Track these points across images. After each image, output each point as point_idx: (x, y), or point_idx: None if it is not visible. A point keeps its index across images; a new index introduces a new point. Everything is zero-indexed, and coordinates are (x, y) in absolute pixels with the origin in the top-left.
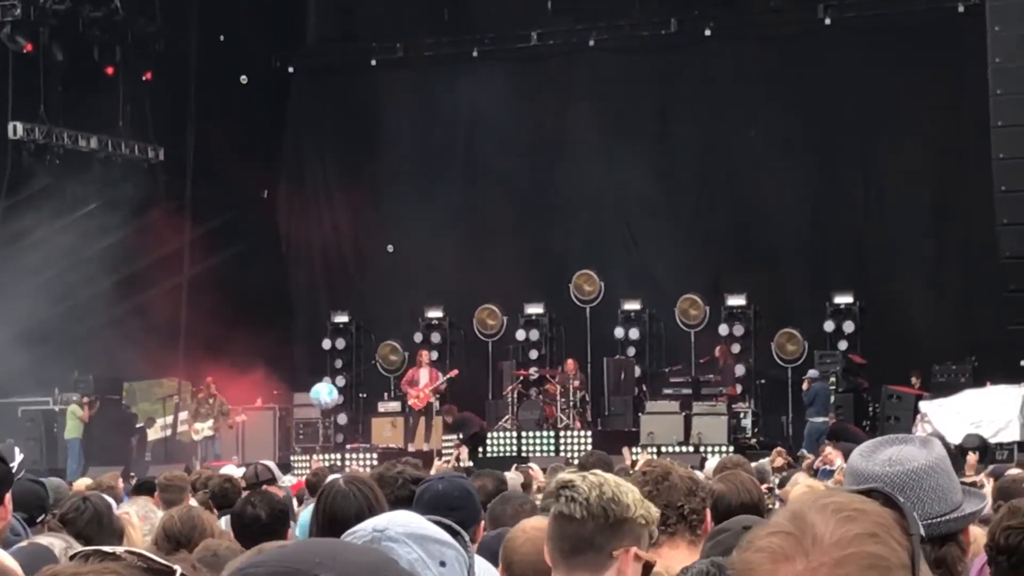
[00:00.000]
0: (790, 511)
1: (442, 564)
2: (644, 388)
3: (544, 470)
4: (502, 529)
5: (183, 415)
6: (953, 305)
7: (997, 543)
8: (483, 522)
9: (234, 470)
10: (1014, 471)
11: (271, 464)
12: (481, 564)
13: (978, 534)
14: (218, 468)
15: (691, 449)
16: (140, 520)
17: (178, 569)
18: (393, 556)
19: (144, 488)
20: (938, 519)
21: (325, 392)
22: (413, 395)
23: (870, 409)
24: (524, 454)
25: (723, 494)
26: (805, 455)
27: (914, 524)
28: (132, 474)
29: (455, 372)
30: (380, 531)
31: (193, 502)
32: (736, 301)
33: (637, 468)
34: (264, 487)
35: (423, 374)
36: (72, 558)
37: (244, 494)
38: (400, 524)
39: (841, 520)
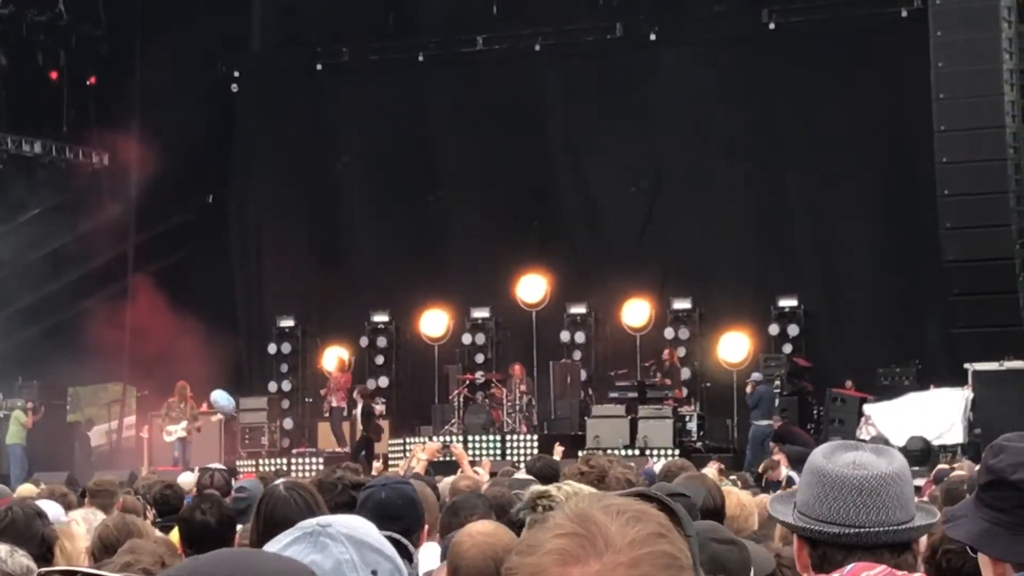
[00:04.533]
0: (571, 512)
1: (373, 573)
2: (590, 391)
3: (494, 474)
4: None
5: (129, 420)
6: (897, 308)
7: (939, 564)
8: (427, 528)
9: (191, 476)
10: (958, 473)
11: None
12: None
13: None
14: (177, 473)
15: (637, 452)
16: (87, 525)
17: None
18: (327, 552)
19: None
20: (899, 527)
21: (224, 397)
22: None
23: (815, 412)
24: (471, 458)
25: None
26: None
27: (689, 527)
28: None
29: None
30: (322, 527)
31: (98, 513)
32: (681, 304)
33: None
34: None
35: (333, 379)
36: None
37: (193, 499)
38: (344, 525)
39: (628, 520)
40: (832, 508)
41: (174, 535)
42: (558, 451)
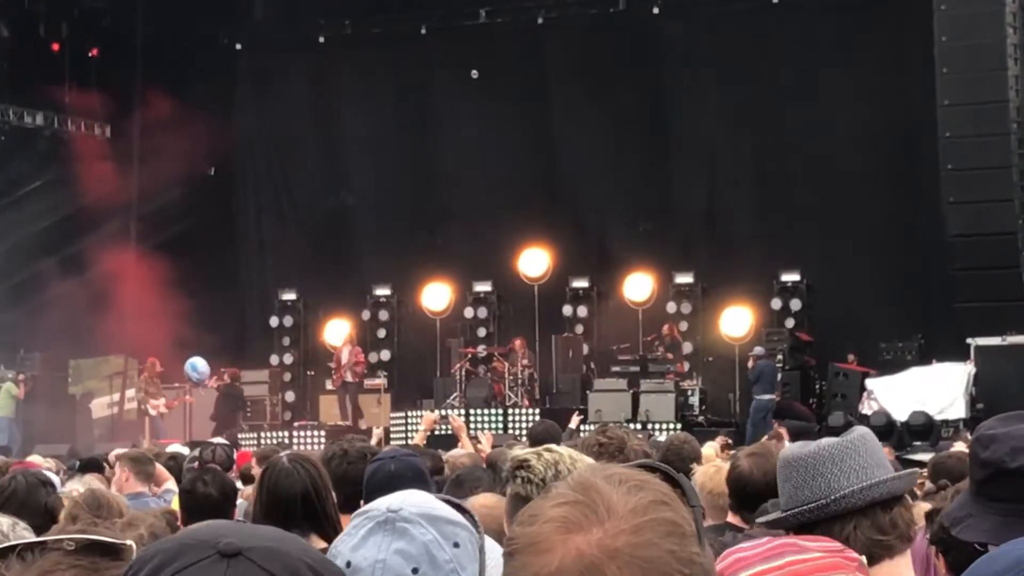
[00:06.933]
0: (573, 481)
1: (455, 545)
2: (592, 366)
3: (496, 447)
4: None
5: (131, 392)
6: (900, 283)
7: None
8: None
9: (180, 448)
10: (957, 447)
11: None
12: (492, 544)
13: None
14: (164, 445)
15: (639, 426)
16: None
17: (132, 544)
18: (409, 537)
19: (91, 466)
20: (883, 481)
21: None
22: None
23: (817, 387)
24: (473, 432)
25: (746, 473)
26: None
27: (693, 497)
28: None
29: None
30: (394, 511)
31: (96, 484)
32: (683, 279)
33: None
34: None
35: (345, 352)
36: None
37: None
38: (413, 504)
39: (631, 488)
40: (816, 487)
41: (174, 504)
42: (575, 420)
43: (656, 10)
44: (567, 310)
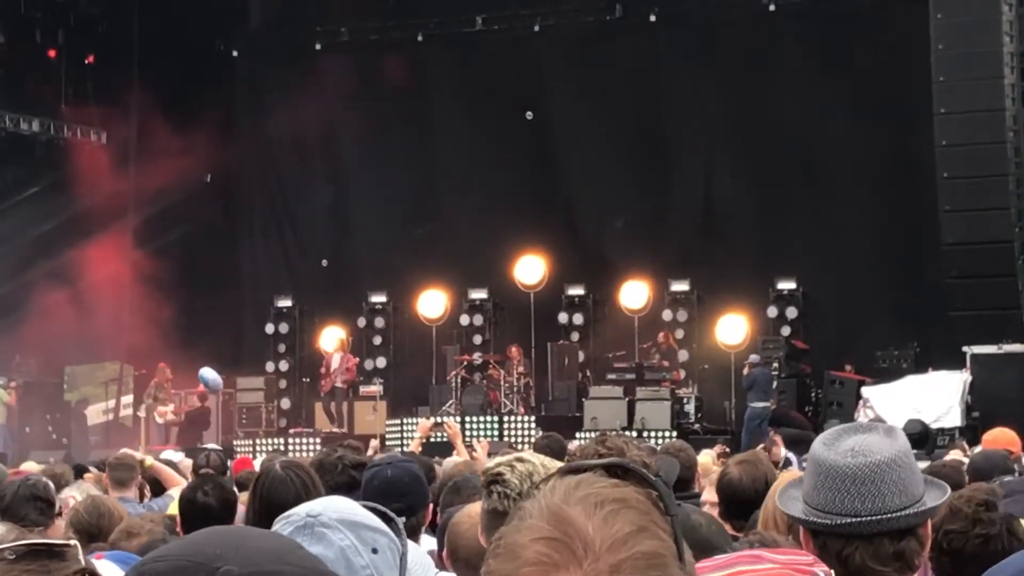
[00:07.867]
0: (547, 509)
1: (374, 551)
2: (588, 373)
3: (491, 455)
4: (452, 509)
5: (126, 398)
6: (896, 291)
7: (940, 546)
8: (430, 506)
9: (173, 455)
10: (952, 455)
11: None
12: (417, 551)
13: None
14: (158, 451)
15: (634, 434)
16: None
17: (75, 544)
18: (327, 542)
19: (84, 471)
20: (896, 513)
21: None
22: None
23: (812, 395)
24: (468, 439)
25: (735, 480)
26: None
27: (671, 505)
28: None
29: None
30: (313, 516)
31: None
32: (679, 287)
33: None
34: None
35: (336, 359)
36: None
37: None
38: (334, 510)
39: (606, 517)
40: (827, 498)
41: (172, 509)
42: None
43: (653, 18)
44: (563, 317)
